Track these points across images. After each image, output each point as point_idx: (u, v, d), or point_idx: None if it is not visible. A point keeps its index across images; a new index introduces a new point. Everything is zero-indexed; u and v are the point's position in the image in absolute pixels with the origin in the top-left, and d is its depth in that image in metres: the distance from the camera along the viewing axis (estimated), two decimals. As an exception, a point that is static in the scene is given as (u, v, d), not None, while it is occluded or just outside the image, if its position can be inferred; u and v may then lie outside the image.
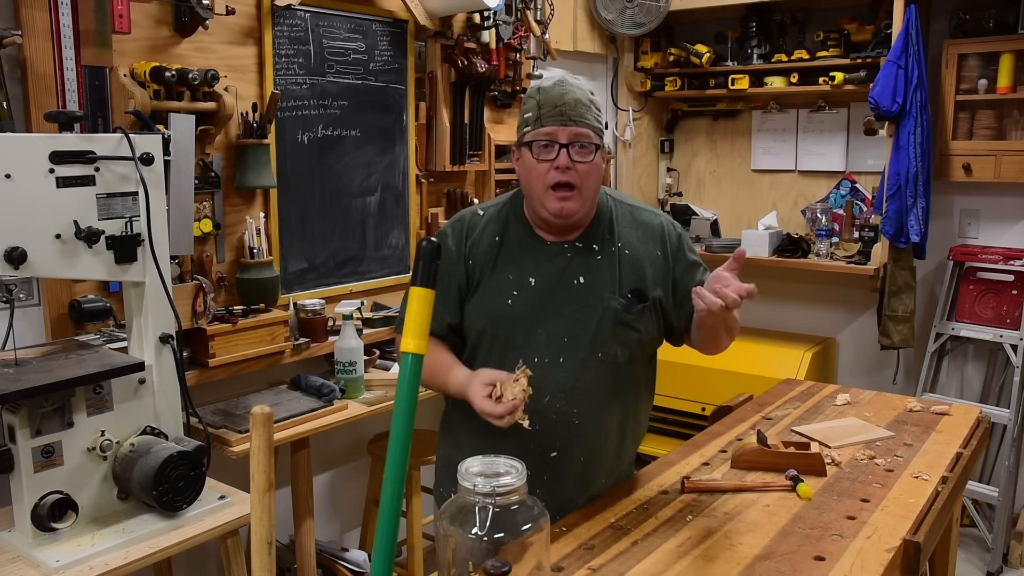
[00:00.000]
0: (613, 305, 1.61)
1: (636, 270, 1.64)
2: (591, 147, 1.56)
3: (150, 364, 1.86)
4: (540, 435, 1.57)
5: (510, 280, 1.62)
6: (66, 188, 1.70)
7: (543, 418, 1.57)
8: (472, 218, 1.70)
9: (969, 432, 2.04)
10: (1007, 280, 3.41)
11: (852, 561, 1.41)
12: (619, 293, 1.62)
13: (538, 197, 1.58)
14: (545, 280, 1.62)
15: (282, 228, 2.68)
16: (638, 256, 1.65)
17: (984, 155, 3.35)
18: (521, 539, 1.10)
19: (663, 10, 3.78)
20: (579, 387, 1.61)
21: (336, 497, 3.08)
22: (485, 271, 1.64)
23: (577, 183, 1.55)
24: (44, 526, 1.66)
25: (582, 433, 1.63)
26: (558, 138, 1.54)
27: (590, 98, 1.58)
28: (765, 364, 3.59)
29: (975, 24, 3.34)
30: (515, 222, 1.67)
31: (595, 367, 1.61)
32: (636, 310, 1.62)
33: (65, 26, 2.07)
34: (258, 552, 1.22)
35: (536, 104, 1.57)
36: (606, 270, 1.63)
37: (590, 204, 1.61)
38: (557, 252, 1.63)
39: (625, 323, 1.62)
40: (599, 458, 1.68)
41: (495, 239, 1.65)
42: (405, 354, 1.07)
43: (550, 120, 1.54)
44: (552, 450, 1.62)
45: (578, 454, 1.64)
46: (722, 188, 4.27)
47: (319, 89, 2.74)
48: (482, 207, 1.72)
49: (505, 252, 1.64)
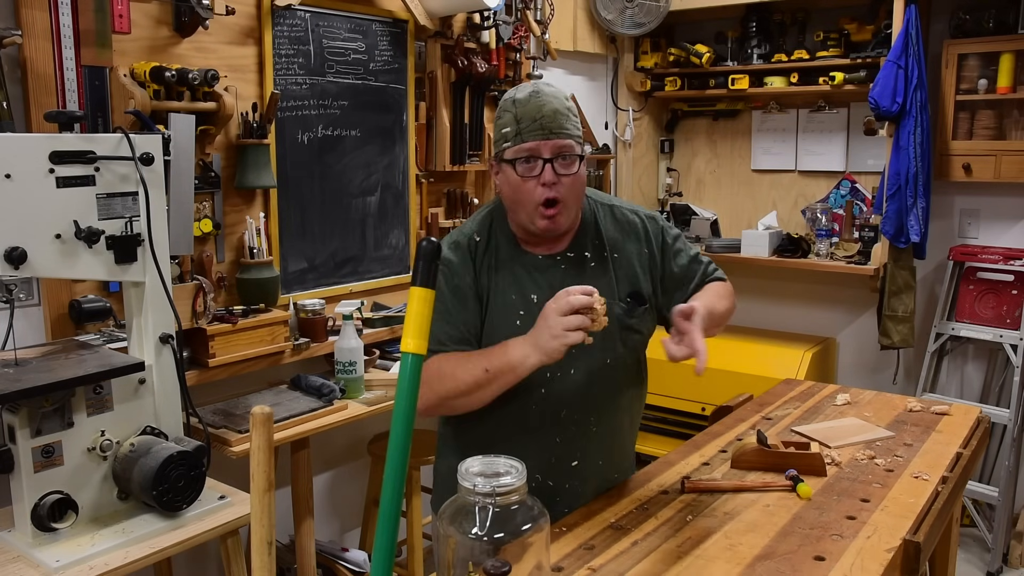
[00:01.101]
0: (615, 311, 1.60)
1: (629, 273, 1.65)
2: (574, 158, 1.53)
3: (150, 364, 1.86)
4: (561, 447, 1.60)
5: (513, 301, 1.60)
6: (66, 188, 1.71)
7: (563, 430, 1.60)
8: (469, 242, 1.64)
9: (969, 432, 2.04)
10: (1007, 280, 3.41)
11: (852, 561, 1.41)
12: (618, 298, 1.62)
13: (527, 214, 1.56)
14: (546, 295, 1.56)
15: (282, 228, 2.68)
16: (628, 258, 1.66)
17: (984, 155, 3.35)
18: (521, 539, 1.10)
19: (663, 10, 3.78)
20: (592, 395, 1.62)
21: (336, 497, 3.08)
22: (489, 295, 1.61)
23: (563, 196, 1.53)
24: (44, 526, 1.66)
25: (599, 438, 1.65)
26: (541, 153, 1.51)
27: (567, 106, 1.55)
28: (765, 364, 3.59)
29: (975, 24, 3.34)
30: (503, 240, 1.64)
31: (605, 373, 1.62)
32: (638, 313, 1.63)
33: (65, 26, 2.07)
34: (258, 552, 1.22)
35: (514, 118, 1.52)
36: (601, 277, 1.63)
37: (576, 212, 1.61)
38: (551, 265, 1.62)
39: (628, 327, 1.63)
40: (614, 457, 1.71)
41: (491, 262, 1.62)
42: (405, 354, 1.07)
43: (531, 135, 1.51)
44: (573, 459, 1.63)
45: (596, 458, 1.67)
46: (722, 188, 4.27)
47: (319, 89, 2.74)
48: (467, 232, 1.66)
49: (504, 273, 1.62)
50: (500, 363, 1.47)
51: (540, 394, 1.58)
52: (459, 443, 1.69)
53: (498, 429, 1.61)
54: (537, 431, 1.61)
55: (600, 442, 1.66)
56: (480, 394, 1.51)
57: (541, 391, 1.58)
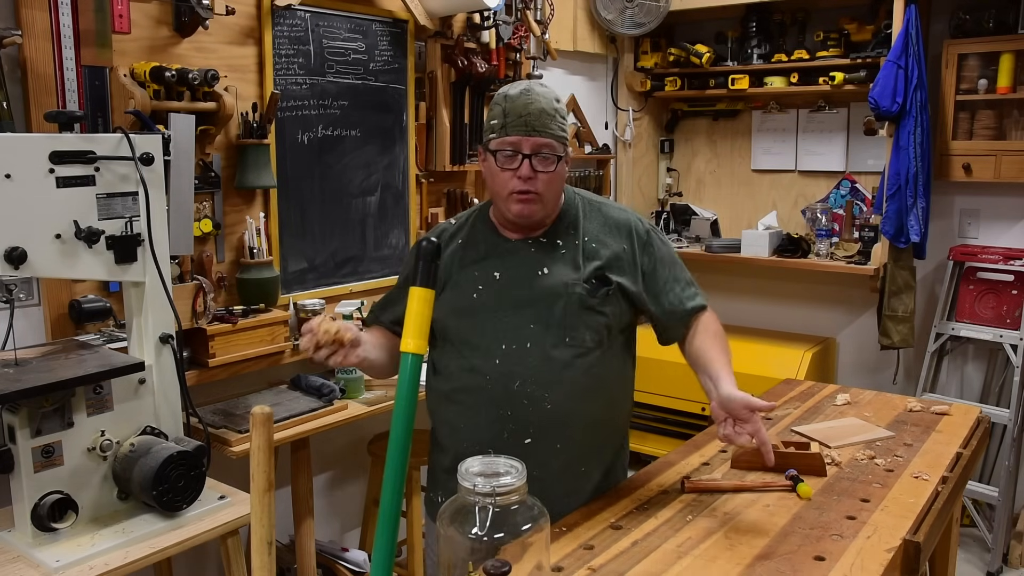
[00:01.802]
0: (578, 291, 1.64)
1: (597, 257, 1.68)
2: (553, 158, 1.60)
3: (150, 364, 1.86)
4: (512, 420, 1.62)
5: (476, 276, 1.68)
6: (66, 188, 1.71)
7: (514, 403, 1.62)
8: (445, 227, 1.78)
9: (969, 432, 2.04)
10: (1007, 280, 3.41)
11: (852, 561, 1.41)
12: (583, 280, 1.65)
13: (502, 201, 1.64)
14: (510, 273, 1.67)
15: (282, 228, 2.68)
16: (601, 244, 1.69)
17: (984, 155, 3.35)
18: (521, 539, 1.10)
19: (663, 10, 3.78)
20: (547, 372, 1.63)
21: (336, 497, 3.08)
22: (451, 271, 1.70)
23: (539, 191, 1.60)
24: (44, 526, 1.66)
25: (557, 421, 1.64)
26: (521, 148, 1.59)
27: (555, 107, 1.62)
28: (765, 364, 3.59)
29: (975, 24, 3.34)
30: (481, 225, 1.74)
31: (563, 353, 1.63)
32: (601, 293, 1.65)
33: (65, 26, 2.07)
34: (258, 552, 1.22)
35: (502, 111, 1.61)
36: (570, 260, 1.67)
37: (552, 206, 1.67)
38: (521, 247, 1.69)
39: (590, 307, 1.65)
40: (581, 449, 1.69)
41: (459, 242, 1.73)
42: (405, 354, 1.07)
43: (515, 129, 1.59)
44: (526, 436, 1.63)
45: (554, 441, 1.65)
46: (722, 188, 4.27)
47: (319, 89, 2.74)
48: (455, 218, 1.81)
49: (471, 252, 1.71)
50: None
51: (494, 364, 1.63)
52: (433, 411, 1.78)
53: (454, 394, 1.68)
54: (491, 402, 1.63)
55: (560, 427, 1.64)
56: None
57: (495, 361, 1.63)
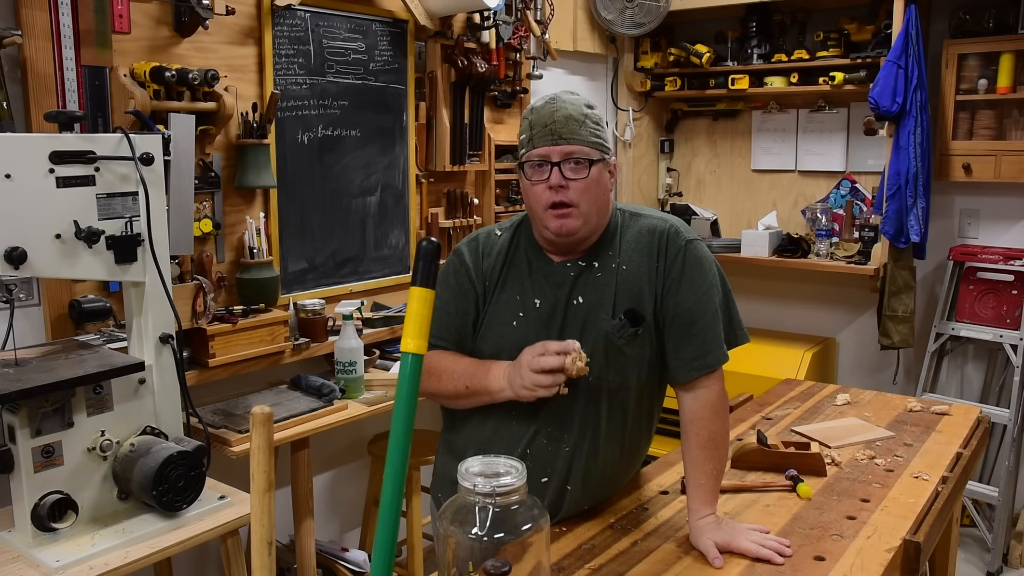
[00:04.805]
0: (604, 328, 1.55)
1: (632, 288, 1.57)
2: (585, 163, 1.51)
3: (150, 364, 1.86)
4: (529, 459, 1.54)
5: (516, 301, 1.60)
6: (66, 188, 1.70)
7: (533, 443, 1.56)
8: (488, 238, 1.67)
9: (969, 432, 2.04)
10: (1007, 280, 3.41)
11: (852, 561, 1.41)
12: (612, 315, 1.56)
13: (539, 218, 1.55)
14: (549, 301, 1.58)
15: (282, 228, 2.68)
16: (636, 272, 1.57)
17: (984, 155, 3.35)
18: (521, 539, 1.10)
19: (663, 10, 3.78)
20: (568, 413, 1.56)
21: (336, 497, 3.08)
22: (494, 291, 1.62)
23: (573, 200, 1.50)
24: (44, 526, 1.66)
25: (573, 460, 1.58)
26: (550, 157, 1.51)
27: (584, 112, 1.53)
28: (765, 364, 3.59)
29: (975, 24, 3.33)
30: (525, 242, 1.64)
31: (587, 393, 1.55)
32: (627, 334, 1.55)
33: (65, 26, 2.07)
34: (258, 552, 1.22)
35: (529, 125, 1.54)
36: (603, 288, 1.57)
37: (595, 220, 1.56)
38: (561, 271, 1.59)
39: (616, 347, 1.56)
40: (593, 488, 1.63)
41: (504, 259, 1.63)
42: (405, 354, 1.07)
43: (541, 141, 1.51)
44: (543, 475, 1.57)
45: (569, 481, 1.59)
46: (722, 188, 4.27)
47: (319, 89, 2.74)
48: (500, 227, 1.69)
49: (513, 272, 1.62)
50: (479, 385, 1.56)
51: (516, 402, 1.54)
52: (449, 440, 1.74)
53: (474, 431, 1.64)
54: (509, 439, 1.58)
55: (576, 467, 1.58)
56: (459, 403, 1.63)
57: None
